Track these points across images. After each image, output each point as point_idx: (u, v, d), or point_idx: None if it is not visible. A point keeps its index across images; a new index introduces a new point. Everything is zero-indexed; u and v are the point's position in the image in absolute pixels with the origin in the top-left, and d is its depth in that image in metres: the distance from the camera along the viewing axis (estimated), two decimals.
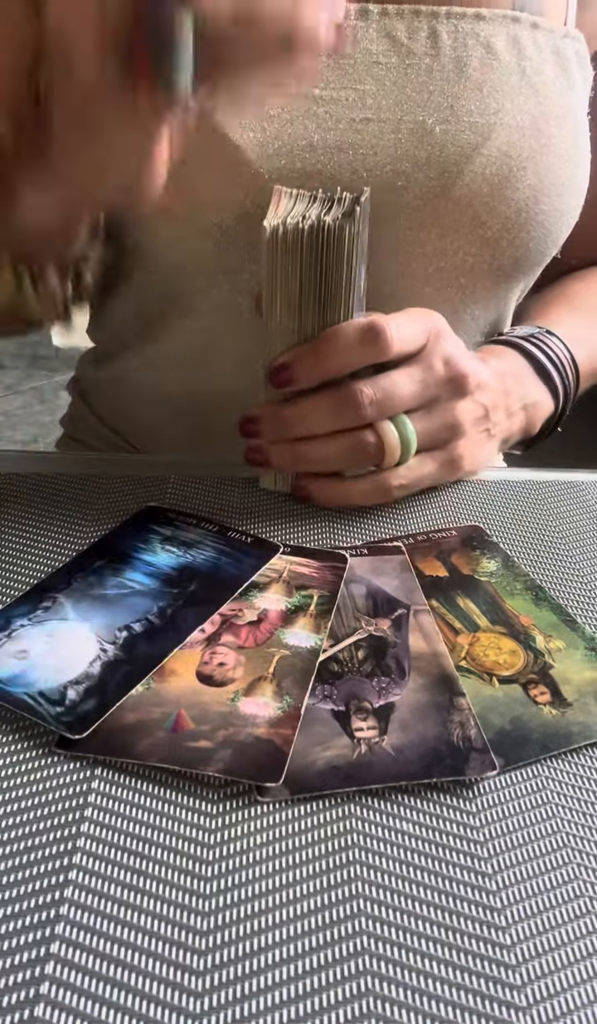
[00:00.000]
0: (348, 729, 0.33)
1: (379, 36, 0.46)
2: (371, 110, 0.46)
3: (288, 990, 0.24)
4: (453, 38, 0.46)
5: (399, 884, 0.28)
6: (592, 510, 0.50)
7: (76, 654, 0.35)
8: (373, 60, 0.46)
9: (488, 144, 0.46)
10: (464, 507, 0.49)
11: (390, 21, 0.46)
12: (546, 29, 0.48)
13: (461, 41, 0.46)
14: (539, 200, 0.48)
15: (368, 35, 0.46)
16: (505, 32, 0.47)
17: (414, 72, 0.46)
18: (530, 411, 0.51)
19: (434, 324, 0.45)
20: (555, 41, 0.48)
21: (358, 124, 0.46)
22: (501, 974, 0.25)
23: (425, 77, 0.46)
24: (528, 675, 0.36)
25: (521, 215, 0.48)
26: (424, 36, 0.46)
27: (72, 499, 0.48)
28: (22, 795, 0.30)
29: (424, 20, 0.46)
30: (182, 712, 0.33)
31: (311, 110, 0.45)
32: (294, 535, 0.46)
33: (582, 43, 0.50)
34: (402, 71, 0.46)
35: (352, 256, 0.41)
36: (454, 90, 0.46)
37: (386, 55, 0.46)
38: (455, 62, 0.46)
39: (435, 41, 0.46)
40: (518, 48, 0.47)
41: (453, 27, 0.46)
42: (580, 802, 0.31)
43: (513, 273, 0.51)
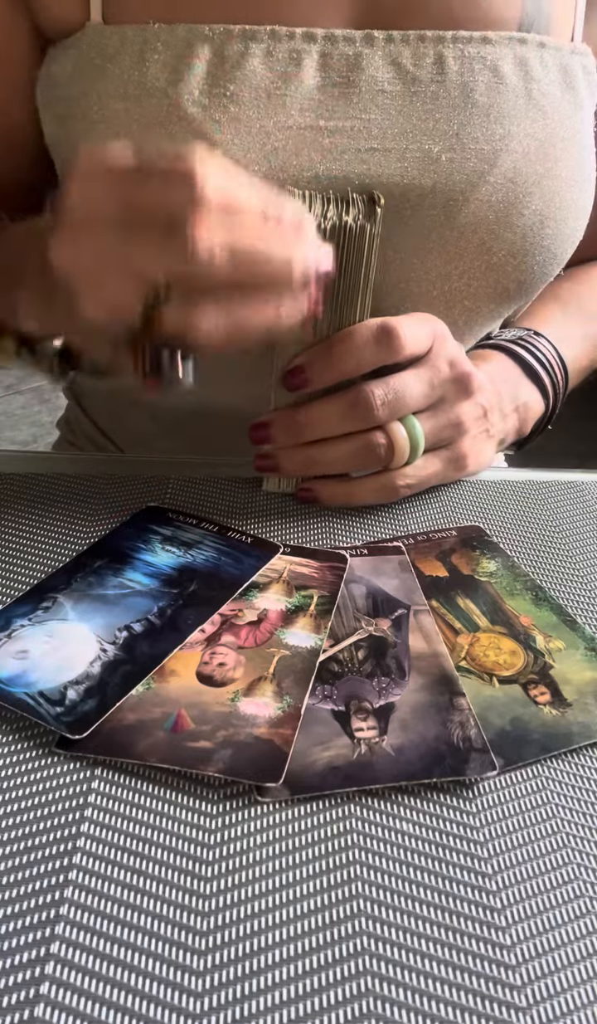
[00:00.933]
0: (348, 729, 0.33)
1: (384, 63, 0.45)
2: (376, 139, 0.45)
3: (288, 990, 0.24)
4: (459, 63, 0.46)
5: (399, 884, 0.28)
6: (592, 510, 0.50)
7: (76, 654, 0.35)
8: (378, 88, 0.45)
9: (494, 171, 0.46)
10: (464, 507, 0.49)
11: (396, 47, 0.45)
12: (553, 47, 0.47)
13: (468, 66, 0.46)
14: (545, 225, 0.48)
15: (373, 63, 0.45)
16: (512, 54, 0.46)
17: (420, 100, 0.45)
18: (522, 412, 0.52)
19: (437, 327, 0.45)
20: (562, 58, 0.48)
21: (364, 154, 0.45)
22: (501, 974, 0.25)
23: (431, 104, 0.45)
24: (528, 675, 0.36)
25: (527, 240, 0.48)
26: (430, 63, 0.46)
27: (72, 499, 0.48)
28: (22, 795, 0.30)
29: (430, 45, 0.46)
30: (182, 712, 0.33)
31: (317, 141, 0.45)
32: (294, 535, 0.46)
33: (589, 57, 0.49)
34: (408, 99, 0.45)
35: (371, 257, 0.41)
36: (460, 117, 0.45)
37: (392, 83, 0.45)
38: (461, 88, 0.46)
39: (441, 67, 0.46)
40: (525, 70, 0.46)
41: (459, 52, 0.46)
42: (580, 802, 0.31)
43: (516, 296, 0.51)
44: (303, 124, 0.45)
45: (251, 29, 0.44)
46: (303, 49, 0.45)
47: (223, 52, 0.44)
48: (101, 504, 0.47)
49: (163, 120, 0.44)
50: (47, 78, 0.48)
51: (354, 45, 0.45)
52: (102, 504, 0.47)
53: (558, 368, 0.54)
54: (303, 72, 0.45)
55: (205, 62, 0.44)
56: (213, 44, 0.44)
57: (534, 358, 0.53)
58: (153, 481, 0.50)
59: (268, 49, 0.44)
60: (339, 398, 0.43)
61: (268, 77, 0.44)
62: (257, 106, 0.44)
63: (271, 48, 0.44)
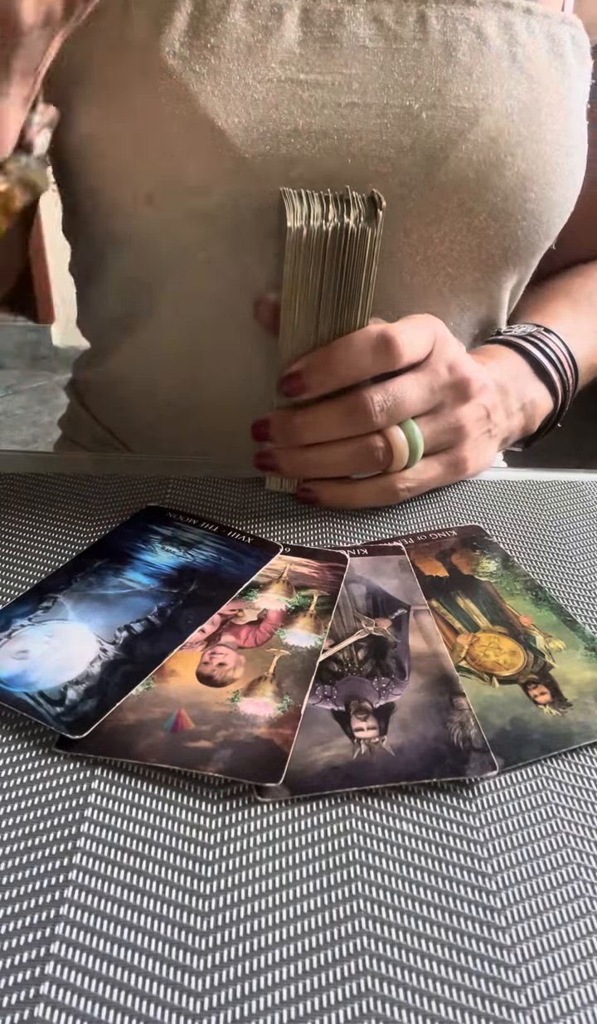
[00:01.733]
0: (348, 729, 0.33)
1: (366, 20, 0.45)
2: (357, 94, 0.45)
3: (288, 990, 0.24)
4: (442, 22, 0.46)
5: (399, 884, 0.28)
6: (592, 510, 0.50)
7: (76, 654, 0.35)
8: (360, 44, 0.45)
9: (475, 129, 0.45)
10: (464, 507, 0.49)
11: (378, 5, 0.46)
12: (541, 15, 0.47)
13: (450, 26, 0.46)
14: (528, 188, 0.47)
15: (355, 19, 0.45)
16: (496, 17, 0.46)
17: (401, 57, 0.46)
18: (529, 410, 0.52)
19: (437, 331, 0.45)
20: (550, 27, 0.48)
21: (343, 109, 0.45)
22: (501, 974, 0.25)
23: (412, 62, 0.46)
24: (528, 675, 0.36)
25: (509, 202, 0.47)
26: (412, 20, 0.46)
27: (72, 499, 0.48)
28: (22, 795, 0.30)
29: (413, 4, 0.46)
30: (182, 712, 0.33)
31: (296, 94, 0.45)
32: (294, 535, 0.46)
33: (579, 29, 0.49)
34: (389, 55, 0.46)
35: (373, 260, 0.41)
36: (442, 75, 0.45)
37: (373, 39, 0.45)
38: (443, 47, 0.46)
39: (423, 25, 0.46)
40: (510, 33, 0.46)
41: (442, 12, 0.46)
42: (580, 802, 0.31)
43: (502, 264, 0.51)
44: (283, 77, 0.45)
45: None
46: (284, 4, 0.45)
47: (204, 5, 0.44)
48: (101, 504, 0.47)
49: (144, 72, 0.44)
50: None
51: (336, 2, 0.46)
52: (102, 504, 0.47)
53: (568, 365, 0.54)
54: (284, 26, 0.45)
55: (186, 15, 0.44)
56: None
57: (543, 355, 0.53)
58: (153, 481, 0.50)
59: (249, 2, 0.45)
60: (338, 403, 0.44)
61: (248, 30, 0.45)
62: (237, 58, 0.44)
63: (252, 2, 0.45)
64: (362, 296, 0.42)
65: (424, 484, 0.47)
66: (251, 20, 0.45)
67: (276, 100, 0.45)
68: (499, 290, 0.54)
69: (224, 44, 0.44)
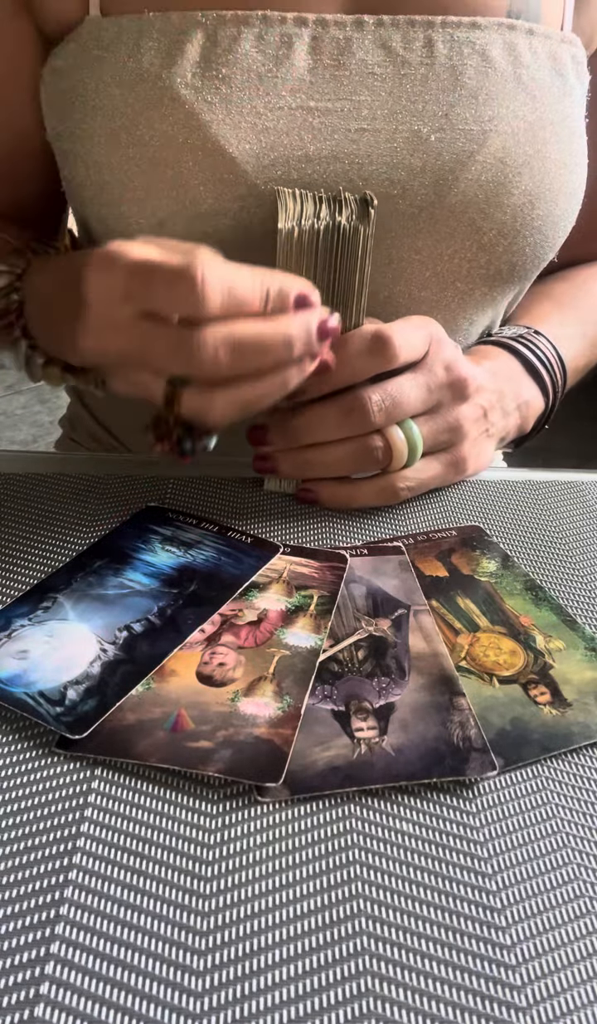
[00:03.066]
0: (348, 729, 0.33)
1: (374, 47, 0.46)
2: (366, 120, 0.46)
3: (288, 990, 0.24)
4: (448, 47, 0.46)
5: (399, 884, 0.28)
6: (592, 510, 0.50)
7: (76, 654, 0.35)
8: (368, 71, 0.46)
9: (483, 151, 0.46)
10: (464, 507, 0.49)
11: (385, 31, 0.46)
12: (542, 35, 0.48)
13: (456, 50, 0.46)
14: (535, 205, 0.48)
15: (363, 46, 0.46)
16: (501, 40, 0.47)
17: (409, 82, 0.46)
18: (523, 410, 0.52)
19: (433, 331, 0.45)
20: (552, 46, 0.48)
21: (353, 134, 0.46)
22: (501, 974, 0.25)
23: (420, 87, 0.46)
24: (528, 675, 0.36)
25: (517, 220, 0.48)
26: (419, 46, 0.46)
27: (72, 499, 0.48)
28: (22, 795, 0.30)
29: (419, 29, 0.46)
30: (182, 712, 0.33)
31: (306, 121, 0.46)
32: (294, 535, 0.46)
33: (579, 47, 0.50)
34: (397, 81, 0.46)
35: (365, 258, 0.41)
36: (449, 99, 0.46)
37: (381, 65, 0.46)
38: (450, 71, 0.46)
39: (430, 50, 0.46)
40: (514, 55, 0.47)
41: (448, 36, 0.46)
42: (580, 802, 0.31)
43: (509, 279, 0.51)
44: (294, 105, 0.45)
45: (243, 14, 0.45)
46: (294, 33, 0.46)
47: (216, 37, 0.45)
48: (101, 504, 0.47)
49: (156, 103, 0.45)
50: (49, 75, 0.49)
51: (344, 29, 0.46)
52: (102, 504, 0.47)
53: (557, 366, 0.54)
54: (294, 55, 0.46)
55: (198, 46, 0.45)
56: (206, 29, 0.45)
57: (534, 356, 0.53)
58: (153, 481, 0.50)
59: (260, 33, 0.45)
60: (335, 403, 0.44)
61: (259, 60, 0.45)
62: (248, 88, 0.45)
63: (263, 32, 0.45)
64: (356, 296, 0.42)
65: (424, 484, 0.47)
66: (262, 50, 0.45)
67: (287, 127, 0.45)
68: (503, 302, 0.54)
69: (235, 74, 0.45)
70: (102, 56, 0.46)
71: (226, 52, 0.45)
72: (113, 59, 0.45)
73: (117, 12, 0.46)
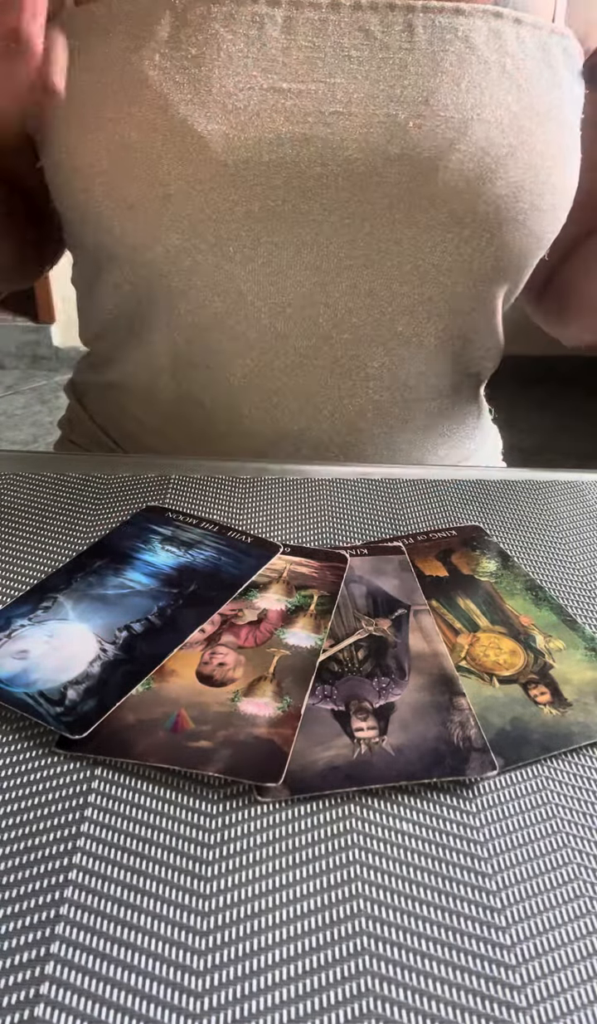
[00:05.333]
0: (348, 729, 0.33)
1: (351, 29, 0.45)
2: (341, 103, 0.45)
3: (288, 990, 0.24)
4: (429, 32, 0.45)
5: (399, 884, 0.28)
6: (592, 510, 0.50)
7: (76, 654, 0.35)
8: (344, 54, 0.45)
9: (464, 140, 0.45)
10: (464, 507, 0.49)
11: (364, 14, 0.45)
12: (531, 25, 0.47)
13: (438, 35, 0.45)
14: (519, 198, 0.47)
15: (340, 28, 0.45)
16: (486, 27, 0.46)
17: (388, 66, 0.45)
18: None
19: None
20: (541, 37, 0.47)
21: (327, 117, 0.45)
22: (501, 974, 0.25)
23: (399, 71, 0.45)
24: (528, 675, 0.36)
25: (500, 213, 0.47)
26: (399, 30, 0.45)
27: (72, 499, 0.48)
28: (22, 795, 0.30)
29: (399, 13, 0.45)
30: (182, 712, 0.33)
31: (279, 103, 0.45)
32: (294, 535, 0.46)
33: (571, 40, 0.49)
34: (375, 65, 0.45)
35: None
36: (429, 84, 0.45)
37: (358, 48, 0.45)
38: (430, 56, 0.45)
39: (410, 35, 0.45)
40: (499, 43, 0.46)
41: (430, 21, 0.45)
42: (580, 802, 0.31)
43: (495, 275, 0.50)
44: (266, 86, 0.45)
45: None
46: (266, 13, 0.45)
47: (185, 17, 0.44)
48: (101, 504, 0.47)
49: (125, 85, 0.44)
50: None
51: (319, 11, 0.45)
52: (102, 504, 0.47)
53: None
54: (266, 35, 0.45)
55: (168, 26, 0.44)
56: (174, 9, 0.44)
57: None
58: (153, 481, 0.50)
59: (230, 12, 0.44)
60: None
61: (230, 39, 0.44)
62: (219, 67, 0.44)
63: (233, 11, 0.44)
64: None
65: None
66: (232, 29, 0.44)
67: (258, 108, 0.45)
68: (492, 299, 0.53)
69: (205, 54, 0.44)
70: (74, 45, 0.45)
71: (195, 32, 0.44)
72: (84, 47, 0.45)
73: (90, 0, 0.46)
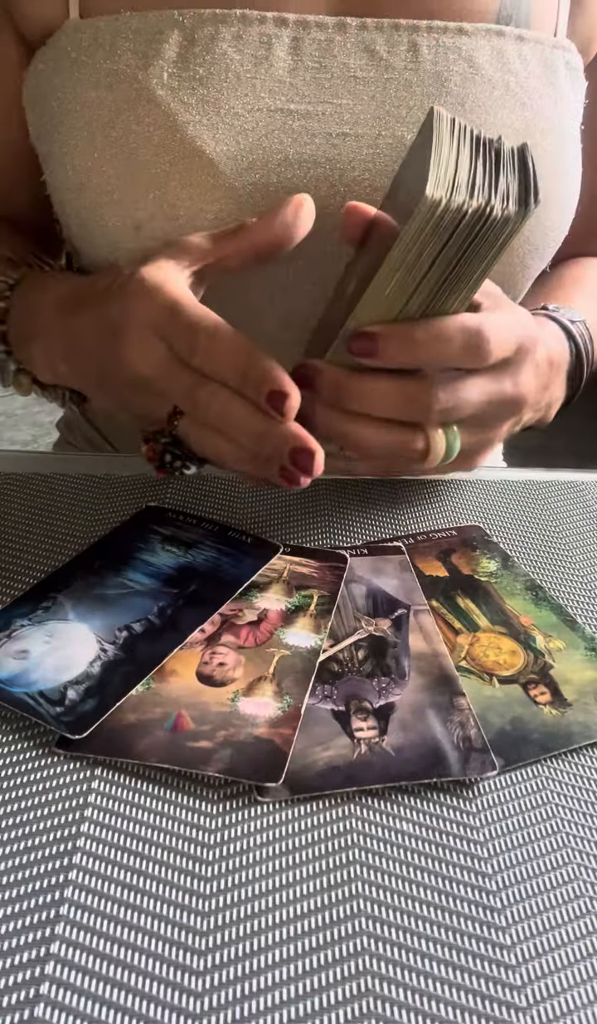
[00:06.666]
0: (348, 729, 0.33)
1: (357, 50, 0.45)
2: (348, 124, 0.45)
3: (288, 990, 0.24)
4: (434, 52, 0.45)
5: (399, 884, 0.28)
6: (592, 510, 0.50)
7: (76, 654, 0.35)
8: (351, 74, 0.45)
9: None
10: (464, 507, 0.49)
11: (369, 35, 0.45)
12: (533, 41, 0.47)
13: (442, 55, 0.45)
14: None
15: (346, 49, 0.45)
16: (489, 46, 0.46)
17: (393, 86, 0.45)
18: (549, 410, 0.49)
19: (524, 339, 0.41)
20: (543, 53, 0.47)
21: (335, 139, 0.45)
22: (501, 974, 0.25)
23: (404, 92, 0.45)
24: (528, 675, 0.36)
25: None
26: (404, 50, 0.45)
27: (72, 499, 0.48)
28: (22, 795, 0.30)
29: (404, 34, 0.45)
30: (182, 712, 0.33)
31: (287, 124, 0.45)
32: (294, 535, 0.46)
33: (573, 53, 0.49)
34: (381, 85, 0.45)
35: (502, 250, 0.35)
36: (434, 105, 0.45)
37: (364, 69, 0.45)
38: (435, 77, 0.45)
39: (415, 55, 0.45)
40: (503, 62, 0.46)
41: (434, 41, 0.45)
42: (580, 802, 0.31)
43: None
44: (273, 107, 0.45)
45: (221, 13, 0.44)
46: (274, 34, 0.45)
47: (193, 36, 0.44)
48: (101, 504, 0.47)
49: (132, 104, 0.44)
50: (30, 77, 0.49)
51: (326, 31, 0.45)
52: (102, 504, 0.47)
53: (591, 362, 0.51)
54: (273, 56, 0.45)
55: (175, 46, 0.44)
56: (183, 29, 0.44)
57: (584, 351, 0.50)
58: (153, 481, 0.50)
59: (238, 33, 0.44)
60: (400, 384, 0.39)
61: (237, 60, 0.44)
62: (226, 88, 0.44)
63: (241, 32, 0.44)
64: (471, 283, 0.37)
65: (425, 473, 0.46)
66: (240, 50, 0.44)
67: (265, 129, 0.45)
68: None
69: (213, 74, 0.44)
70: (80, 59, 0.45)
71: (204, 52, 0.44)
72: (90, 62, 0.45)
73: (96, 13, 0.46)
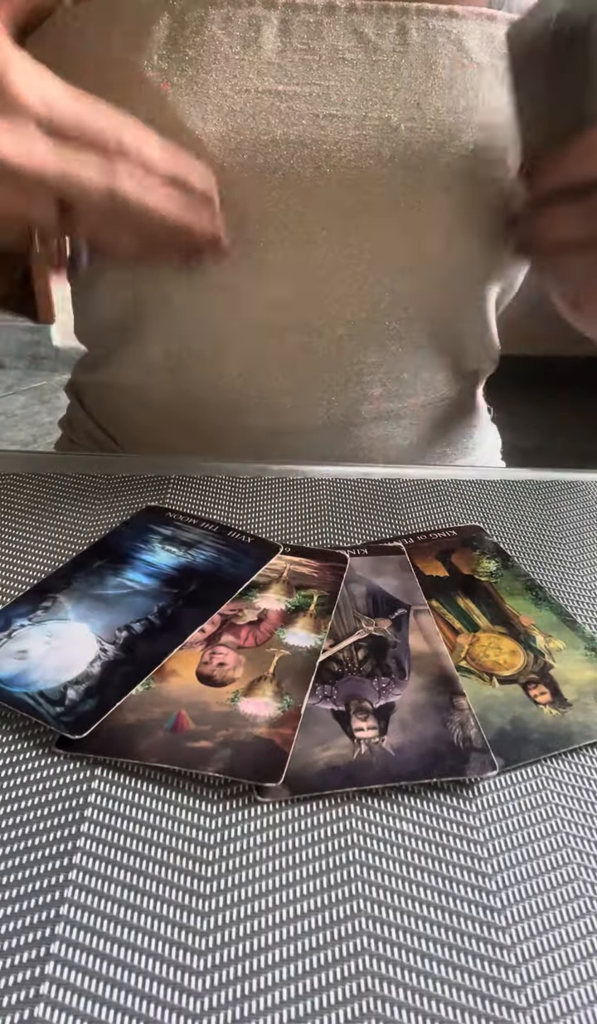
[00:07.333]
0: (348, 729, 0.33)
1: (346, 32, 0.45)
2: (335, 106, 0.45)
3: (288, 990, 0.24)
4: (423, 35, 0.45)
5: (399, 884, 0.28)
6: (592, 510, 0.50)
7: (76, 654, 0.35)
8: (339, 56, 0.45)
9: (455, 143, 0.45)
10: (464, 507, 0.49)
11: (358, 17, 0.45)
12: None
13: (431, 38, 0.45)
14: (512, 200, 0.47)
15: (334, 31, 0.45)
16: (479, 30, 0.46)
17: (381, 69, 0.45)
18: None
19: None
20: None
21: (321, 120, 0.45)
22: (501, 974, 0.25)
23: (392, 74, 0.45)
24: (528, 675, 0.36)
25: (493, 215, 0.47)
26: (393, 33, 0.45)
27: (72, 499, 0.48)
28: (22, 795, 0.30)
29: (393, 16, 0.45)
30: (182, 712, 0.33)
31: (274, 105, 0.45)
32: (294, 535, 0.46)
33: None
34: (368, 67, 0.45)
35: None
36: (422, 87, 0.45)
37: (352, 51, 0.45)
38: (424, 59, 0.45)
39: (404, 38, 0.45)
40: (493, 46, 0.46)
41: (423, 24, 0.45)
42: (580, 802, 0.31)
43: (485, 277, 0.51)
44: (261, 88, 0.45)
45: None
46: (263, 16, 0.45)
47: (183, 19, 0.45)
48: (101, 504, 0.47)
49: (123, 86, 0.44)
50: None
51: (315, 13, 0.45)
52: (102, 504, 0.47)
53: None
54: (262, 38, 0.45)
55: (166, 28, 0.44)
56: (173, 11, 0.44)
57: None
58: (153, 481, 0.50)
59: (227, 15, 0.45)
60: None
61: (227, 42, 0.45)
62: (215, 69, 0.45)
63: (230, 14, 0.45)
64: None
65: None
66: (229, 32, 0.45)
67: (253, 110, 0.45)
68: (484, 300, 0.53)
69: (202, 56, 0.44)
70: (72, 43, 0.46)
71: (193, 34, 0.44)
72: (82, 46, 0.45)
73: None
